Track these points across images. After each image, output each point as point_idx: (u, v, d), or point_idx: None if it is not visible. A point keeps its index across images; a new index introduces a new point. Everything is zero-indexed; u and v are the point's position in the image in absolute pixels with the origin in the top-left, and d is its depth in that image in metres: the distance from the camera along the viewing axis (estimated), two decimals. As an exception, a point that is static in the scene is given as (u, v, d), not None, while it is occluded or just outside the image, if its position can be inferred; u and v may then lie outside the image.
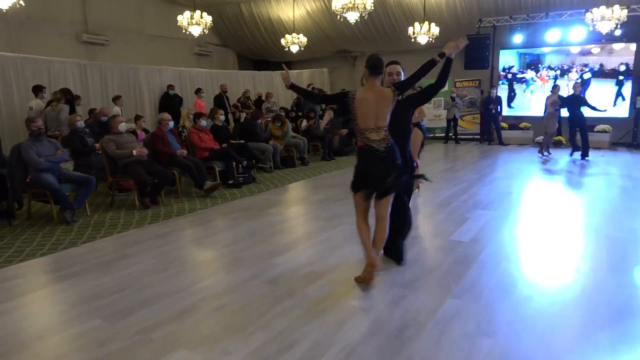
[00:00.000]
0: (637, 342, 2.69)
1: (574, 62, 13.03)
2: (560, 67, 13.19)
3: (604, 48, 12.53)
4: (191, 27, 10.86)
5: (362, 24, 13.21)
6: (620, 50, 12.41)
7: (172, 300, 3.30)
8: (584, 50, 12.80)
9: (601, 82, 12.61)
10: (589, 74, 12.72)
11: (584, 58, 12.89)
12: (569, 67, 13.07)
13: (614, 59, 12.48)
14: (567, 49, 12.96)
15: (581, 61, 12.90)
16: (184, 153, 6.95)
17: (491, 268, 3.86)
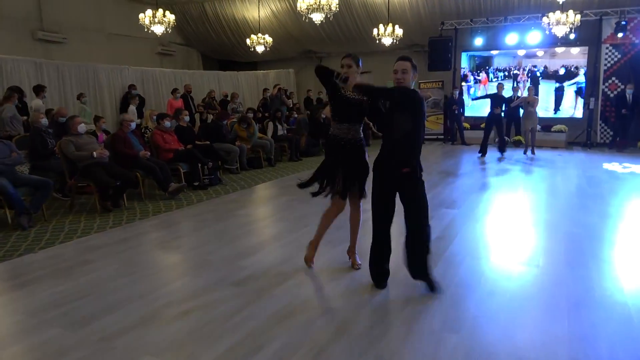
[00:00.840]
0: (594, 332, 2.81)
1: (520, 64, 13.58)
2: (508, 69, 13.73)
3: (547, 51, 13.14)
4: (153, 26, 10.61)
5: (327, 24, 13.27)
6: (562, 53, 13.02)
7: (136, 306, 3.22)
8: (529, 53, 13.36)
9: (546, 83, 13.24)
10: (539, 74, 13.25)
11: (530, 60, 13.46)
12: (517, 69, 13.61)
13: (557, 62, 13.14)
14: (514, 52, 13.51)
15: (526, 63, 13.48)
16: (147, 154, 6.78)
17: (455, 265, 3.95)
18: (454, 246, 4.46)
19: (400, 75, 3.22)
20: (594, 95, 12.51)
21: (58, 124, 7.64)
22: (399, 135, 3.22)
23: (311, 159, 10.72)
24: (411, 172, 3.25)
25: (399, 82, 3.23)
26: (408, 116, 3.18)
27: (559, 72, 13.07)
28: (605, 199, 6.44)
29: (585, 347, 2.64)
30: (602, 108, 12.45)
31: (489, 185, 7.76)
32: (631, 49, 12.07)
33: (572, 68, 12.90)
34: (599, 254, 4.24)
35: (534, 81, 13.16)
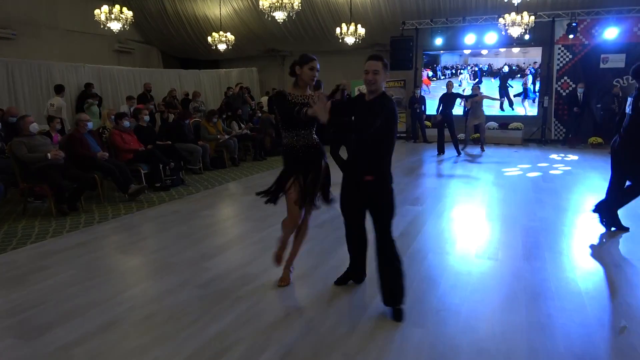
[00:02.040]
0: (550, 321, 2.93)
1: (467, 62, 14.08)
2: (455, 67, 14.22)
3: (492, 51, 13.70)
4: (110, 23, 10.29)
5: (290, 23, 13.25)
6: (505, 52, 13.61)
7: (95, 312, 3.11)
8: (474, 52, 13.87)
9: (489, 80, 13.83)
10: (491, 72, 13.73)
11: (475, 59, 13.99)
12: (463, 67, 14.13)
13: (500, 60, 13.72)
14: (460, 51, 14.00)
15: (472, 62, 14.03)
16: (105, 156, 6.57)
17: (419, 261, 4.03)
18: (417, 242, 4.55)
19: (372, 77, 2.97)
20: (548, 93, 13.03)
21: (8, 125, 7.30)
22: (368, 140, 2.99)
23: (276, 158, 10.67)
24: (376, 181, 3.04)
25: (370, 83, 2.98)
26: (378, 122, 2.90)
27: (503, 70, 13.68)
28: (559, 193, 6.72)
29: (543, 335, 2.75)
30: (556, 106, 12.99)
31: (451, 182, 7.94)
32: (581, 50, 12.64)
33: (514, 67, 13.58)
34: (554, 246, 4.42)
35: (475, 78, 13.78)
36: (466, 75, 14.05)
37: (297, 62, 3.31)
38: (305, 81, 3.29)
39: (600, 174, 8.26)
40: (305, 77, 3.27)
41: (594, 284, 3.53)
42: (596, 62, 12.45)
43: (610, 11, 12.02)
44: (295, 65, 3.32)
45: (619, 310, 3.11)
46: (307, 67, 3.25)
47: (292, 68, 3.34)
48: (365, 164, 3.05)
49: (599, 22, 12.27)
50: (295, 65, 3.32)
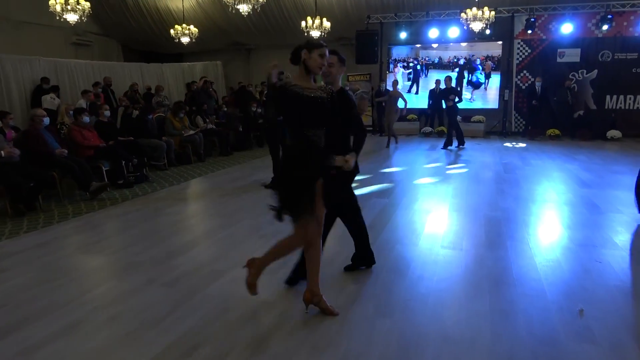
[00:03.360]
0: (512, 307, 3.04)
1: (418, 55, 14.48)
2: (405, 60, 14.62)
3: (441, 45, 14.15)
4: (66, 14, 9.87)
5: (255, 16, 13.11)
6: (453, 46, 14.09)
7: (58, 314, 3.01)
8: (424, 45, 14.29)
9: (440, 72, 14.15)
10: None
11: (425, 52, 14.43)
12: (413, 60, 14.53)
13: (450, 53, 14.26)
14: (414, 45, 14.38)
15: (422, 55, 14.47)
16: (64, 152, 6.34)
17: (386, 252, 4.09)
18: (385, 234, 4.62)
19: (326, 69, 2.92)
20: (509, 87, 13.41)
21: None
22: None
23: (242, 153, 10.57)
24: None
25: (325, 74, 3.01)
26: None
27: (460, 63, 14.19)
28: (519, 184, 6.95)
29: (505, 321, 2.85)
30: (516, 99, 13.40)
31: (416, 174, 8.08)
32: (540, 44, 13.07)
33: (461, 60, 14.12)
34: (515, 235, 4.57)
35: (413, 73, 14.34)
36: (401, 70, 14.54)
37: (304, 46, 2.81)
38: (313, 70, 2.80)
39: (557, 165, 8.60)
40: (312, 64, 2.79)
41: (552, 270, 3.68)
42: (553, 56, 12.92)
43: (566, 7, 12.46)
44: (301, 50, 2.80)
45: (576, 294, 3.25)
46: (316, 53, 2.79)
47: (297, 53, 2.83)
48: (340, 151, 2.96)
49: (556, 18, 12.72)
50: (301, 49, 2.81)
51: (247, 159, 9.76)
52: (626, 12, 12.14)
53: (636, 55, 12.22)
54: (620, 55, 12.43)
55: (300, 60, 2.81)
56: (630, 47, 12.29)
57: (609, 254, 4.03)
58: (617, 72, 12.39)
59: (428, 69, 14.39)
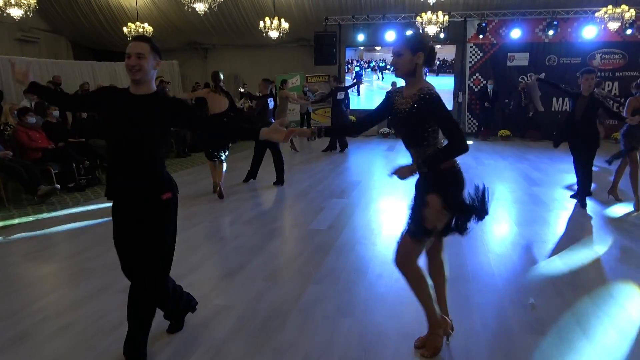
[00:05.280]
0: (467, 304, 3.13)
1: (362, 57, 14.89)
2: (349, 61, 14.95)
3: (384, 47, 14.51)
4: (10, 8, 9.38)
5: (212, 15, 12.91)
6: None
7: (4, 325, 2.85)
8: (368, 47, 14.68)
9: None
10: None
11: (370, 54, 14.84)
12: (358, 62, 14.90)
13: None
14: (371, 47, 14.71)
15: (367, 57, 14.90)
16: (8, 155, 6.01)
17: (347, 252, 4.13)
18: (345, 235, 4.65)
19: (135, 61, 2.31)
20: (462, 89, 13.84)
21: None
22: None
23: (200, 155, 10.37)
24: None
25: (134, 69, 2.32)
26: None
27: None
28: (472, 183, 7.16)
29: (461, 315, 2.93)
30: (469, 101, 13.84)
31: (374, 174, 8.20)
32: (491, 48, 13.56)
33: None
34: (471, 231, 4.70)
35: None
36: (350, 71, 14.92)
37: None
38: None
39: (508, 164, 8.94)
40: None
41: (505, 266, 3.82)
42: (504, 60, 13.43)
43: (515, 13, 12.99)
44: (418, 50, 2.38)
45: (527, 288, 3.39)
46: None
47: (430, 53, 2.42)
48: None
49: (506, 23, 13.24)
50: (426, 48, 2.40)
51: (204, 160, 9.58)
52: (570, 19, 12.80)
53: (579, 60, 12.89)
54: (565, 60, 13.09)
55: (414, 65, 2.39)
56: (574, 52, 12.96)
57: (557, 249, 4.23)
58: (562, 76, 13.02)
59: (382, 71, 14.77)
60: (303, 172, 8.19)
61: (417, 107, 2.37)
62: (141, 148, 2.39)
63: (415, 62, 2.37)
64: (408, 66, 2.39)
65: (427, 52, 2.39)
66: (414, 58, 2.37)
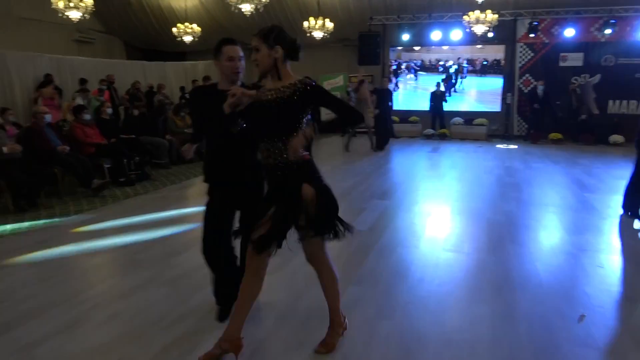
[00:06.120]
0: (512, 314, 3.03)
1: (399, 57, 14.67)
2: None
3: (423, 47, 14.31)
4: (69, 11, 9.86)
5: (257, 15, 13.07)
6: (434, 49, 14.25)
7: (58, 312, 3.01)
8: (406, 47, 14.43)
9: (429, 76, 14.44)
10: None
11: (408, 54, 14.60)
12: (395, 63, 14.66)
13: (432, 55, 14.41)
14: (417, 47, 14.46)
15: (405, 57, 14.67)
16: (65, 149, 6.34)
17: (387, 254, 4.08)
18: (386, 236, 4.60)
19: (239, 64, 2.74)
20: (511, 90, 13.40)
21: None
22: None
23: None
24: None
25: (236, 71, 2.71)
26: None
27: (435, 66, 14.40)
28: (521, 188, 6.94)
29: (506, 325, 2.84)
30: (518, 103, 13.38)
31: (418, 176, 8.08)
32: (542, 48, 13.05)
33: (445, 63, 14.21)
34: (517, 238, 4.56)
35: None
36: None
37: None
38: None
39: (560, 169, 8.58)
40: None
41: (554, 275, 3.66)
42: (556, 60, 12.89)
43: (569, 11, 12.45)
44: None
45: (577, 299, 3.24)
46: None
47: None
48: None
49: (559, 22, 12.70)
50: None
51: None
52: (629, 17, 12.12)
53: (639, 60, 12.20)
54: (624, 60, 12.41)
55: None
56: (634, 52, 12.26)
57: (610, 258, 4.02)
58: (620, 76, 12.37)
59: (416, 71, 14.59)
60: (345, 172, 8.18)
61: (299, 95, 2.35)
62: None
63: (274, 57, 2.37)
64: (267, 60, 2.37)
65: (285, 45, 2.38)
66: (271, 52, 2.36)
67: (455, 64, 14.12)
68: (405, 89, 14.76)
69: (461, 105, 14.08)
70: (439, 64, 14.28)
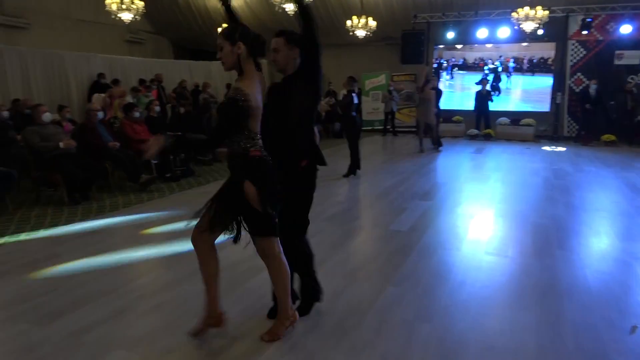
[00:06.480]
0: (559, 322, 2.91)
1: (441, 56, 14.29)
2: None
3: (465, 45, 13.94)
4: (121, 13, 10.29)
5: (301, 15, 13.16)
6: (477, 47, 13.87)
7: (106, 300, 3.15)
8: (448, 46, 14.09)
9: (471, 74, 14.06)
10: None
11: (450, 53, 14.24)
12: (437, 61, 14.30)
13: (475, 54, 14.03)
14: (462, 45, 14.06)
15: (446, 56, 14.29)
16: (116, 145, 6.61)
17: (428, 256, 4.02)
18: (426, 237, 4.53)
19: (273, 56, 2.77)
20: (561, 90, 12.87)
21: (23, 115, 7.38)
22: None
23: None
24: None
25: (273, 61, 2.80)
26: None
27: (478, 64, 14.02)
28: (570, 191, 6.65)
29: (552, 334, 2.74)
30: (569, 102, 12.83)
31: (460, 176, 7.90)
32: (596, 46, 12.45)
33: (490, 61, 13.81)
34: (564, 244, 4.38)
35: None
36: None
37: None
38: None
39: (613, 172, 8.16)
40: None
41: (604, 282, 3.50)
42: (610, 58, 12.26)
43: (625, 7, 11.81)
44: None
45: (629, 309, 3.08)
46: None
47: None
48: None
49: (614, 18, 12.08)
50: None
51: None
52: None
53: None
54: (688, 58, 11.66)
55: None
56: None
57: (667, 268, 3.79)
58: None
59: (452, 70, 14.30)
60: (386, 171, 8.11)
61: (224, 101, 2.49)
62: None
63: (237, 53, 2.41)
64: (230, 58, 2.43)
65: (248, 41, 2.43)
66: (233, 49, 2.40)
67: (501, 62, 13.69)
68: (445, 88, 14.45)
69: (507, 104, 13.65)
70: (482, 62, 13.91)
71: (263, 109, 2.52)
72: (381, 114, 14.30)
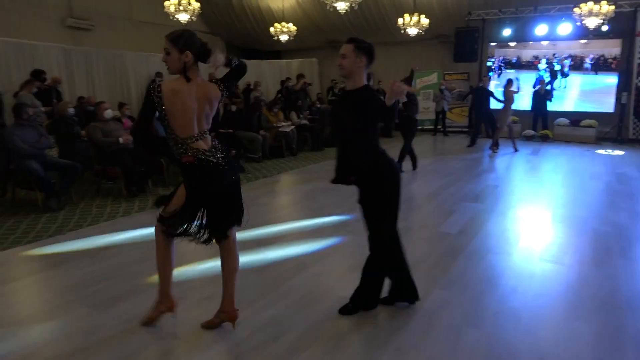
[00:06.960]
0: (619, 335, 2.74)
1: (493, 54, 13.71)
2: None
3: (519, 43, 13.31)
4: (179, 14, 10.69)
5: (352, 14, 13.14)
6: (533, 44, 13.20)
7: (155, 291, 3.27)
8: (500, 44, 13.55)
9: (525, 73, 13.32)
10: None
11: (503, 51, 13.66)
12: (490, 59, 13.75)
13: (530, 52, 13.39)
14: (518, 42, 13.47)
15: (498, 54, 13.72)
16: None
17: (477, 260, 3.91)
18: (476, 241, 4.41)
19: (339, 60, 2.80)
20: (627, 89, 12.10)
21: (86, 112, 7.80)
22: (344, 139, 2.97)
23: (333, 149, 10.68)
24: (359, 179, 2.93)
25: (339, 67, 2.83)
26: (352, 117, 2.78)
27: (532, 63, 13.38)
28: (634, 197, 6.26)
29: (611, 349, 2.59)
30: (635, 102, 12.04)
31: (514, 179, 7.61)
32: (668, 42, 11.62)
33: (544, 59, 13.18)
34: (627, 253, 4.13)
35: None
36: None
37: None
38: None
39: (683, 178, 7.60)
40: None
41: (671, 296, 3.26)
42: (684, 56, 11.41)
43: None
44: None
45: (700, 326, 2.86)
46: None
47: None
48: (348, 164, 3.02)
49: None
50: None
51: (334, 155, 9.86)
52: None
53: None
54: None
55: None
56: None
57: None
58: None
59: (502, 68, 13.76)
60: (435, 172, 7.95)
61: None
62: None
63: (184, 61, 2.55)
64: (177, 64, 2.57)
65: (194, 49, 2.57)
66: (181, 57, 2.54)
67: (559, 60, 13.05)
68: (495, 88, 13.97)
69: (566, 105, 12.99)
70: (536, 60, 13.31)
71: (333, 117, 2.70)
72: (432, 114, 14.03)
